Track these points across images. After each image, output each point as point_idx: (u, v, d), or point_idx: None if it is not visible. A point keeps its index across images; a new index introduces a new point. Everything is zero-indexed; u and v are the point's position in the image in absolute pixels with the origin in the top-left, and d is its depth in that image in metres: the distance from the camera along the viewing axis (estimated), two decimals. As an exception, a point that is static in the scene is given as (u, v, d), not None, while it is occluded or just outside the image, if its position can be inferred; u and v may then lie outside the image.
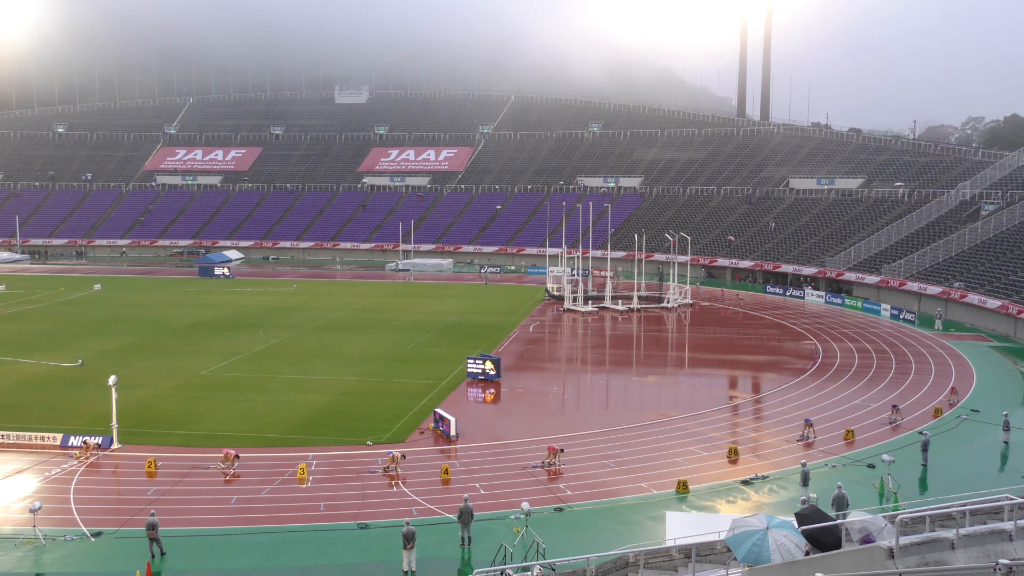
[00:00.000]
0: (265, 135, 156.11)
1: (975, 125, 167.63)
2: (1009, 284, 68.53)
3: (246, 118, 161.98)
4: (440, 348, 57.69)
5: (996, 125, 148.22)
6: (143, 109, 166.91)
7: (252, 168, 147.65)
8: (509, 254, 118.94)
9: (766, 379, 50.51)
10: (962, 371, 51.23)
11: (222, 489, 31.07)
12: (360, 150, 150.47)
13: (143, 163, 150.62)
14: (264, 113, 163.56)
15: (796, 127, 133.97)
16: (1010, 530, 17.51)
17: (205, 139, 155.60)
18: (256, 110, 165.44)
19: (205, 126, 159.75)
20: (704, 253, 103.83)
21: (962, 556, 16.87)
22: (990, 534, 17.46)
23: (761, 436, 38.02)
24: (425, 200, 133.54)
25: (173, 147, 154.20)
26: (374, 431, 37.75)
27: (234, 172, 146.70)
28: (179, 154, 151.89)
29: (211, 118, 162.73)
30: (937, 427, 38.85)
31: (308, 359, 53.55)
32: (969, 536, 17.21)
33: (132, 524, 27.79)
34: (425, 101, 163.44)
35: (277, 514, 28.85)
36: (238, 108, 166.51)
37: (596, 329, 69.23)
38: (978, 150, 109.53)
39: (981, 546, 17.17)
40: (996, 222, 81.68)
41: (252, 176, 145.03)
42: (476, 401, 45.00)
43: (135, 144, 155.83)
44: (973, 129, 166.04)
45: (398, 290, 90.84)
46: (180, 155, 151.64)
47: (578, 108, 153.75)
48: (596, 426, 38.99)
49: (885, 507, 28.32)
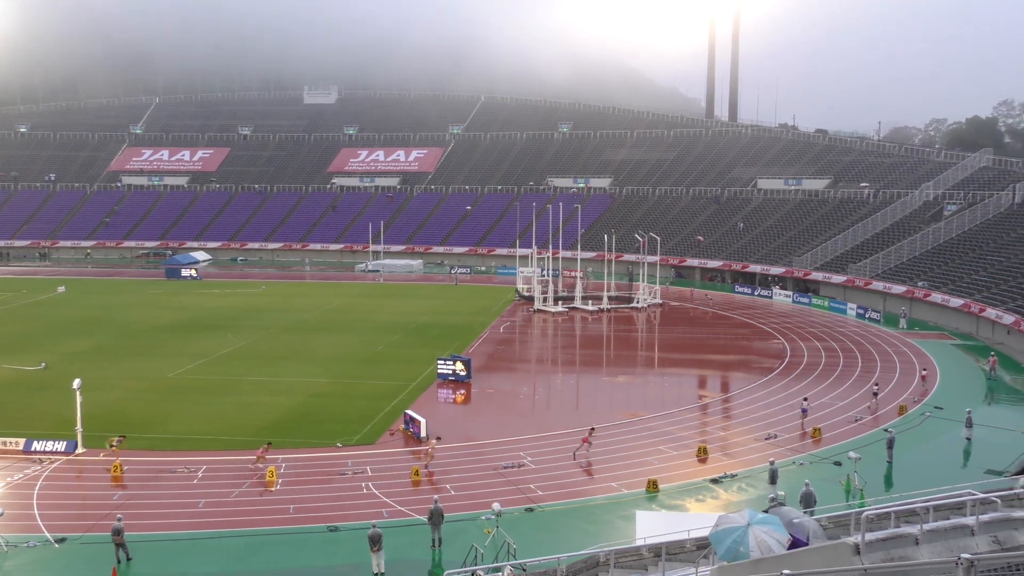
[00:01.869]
0: (233, 135, 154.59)
1: (938, 127, 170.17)
2: (971, 283, 69.66)
3: (213, 118, 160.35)
4: (410, 349, 57.52)
5: (958, 127, 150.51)
6: (108, 109, 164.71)
7: (220, 168, 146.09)
8: (479, 255, 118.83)
9: (735, 378, 50.92)
10: (926, 368, 51.94)
11: (189, 493, 30.76)
12: (329, 150, 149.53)
13: (108, 163, 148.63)
14: (232, 113, 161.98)
15: (764, 128, 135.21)
16: (972, 525, 17.82)
17: (172, 139, 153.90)
18: (224, 110, 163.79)
19: (171, 126, 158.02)
20: (673, 253, 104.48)
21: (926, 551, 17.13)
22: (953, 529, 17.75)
23: (730, 435, 38.33)
24: (395, 201, 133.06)
25: (139, 147, 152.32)
26: (344, 433, 37.58)
27: (201, 172, 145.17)
28: (145, 154, 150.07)
29: (178, 118, 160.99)
30: (902, 424, 39.41)
31: (277, 361, 53.18)
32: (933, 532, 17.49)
33: (97, 529, 27.43)
34: (395, 102, 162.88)
35: (246, 517, 28.62)
36: (205, 108, 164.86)
37: (566, 329, 69.40)
38: (941, 151, 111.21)
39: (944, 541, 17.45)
40: (958, 222, 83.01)
41: (220, 177, 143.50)
42: (447, 402, 44.93)
43: (100, 144, 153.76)
44: (936, 130, 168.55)
45: (368, 291, 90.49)
46: (146, 155, 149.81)
47: (548, 109, 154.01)
48: (567, 426, 39.09)
49: (852, 504, 28.68)
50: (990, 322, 62.45)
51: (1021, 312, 59.41)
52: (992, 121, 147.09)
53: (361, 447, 35.97)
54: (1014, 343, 59.05)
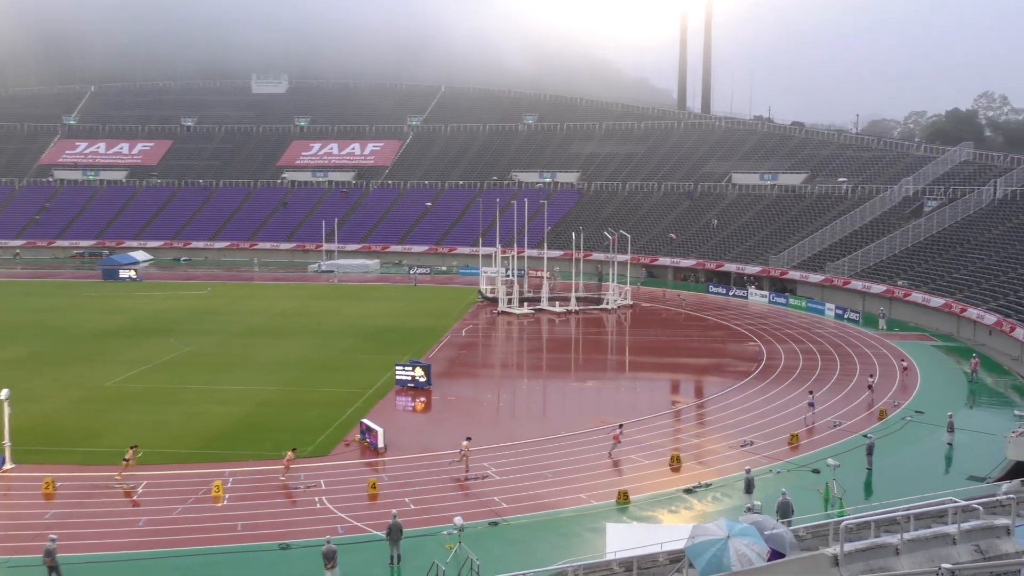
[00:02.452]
0: (175, 127, 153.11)
1: (917, 120, 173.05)
2: (952, 282, 70.93)
3: (154, 108, 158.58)
4: (367, 354, 57.31)
5: (938, 120, 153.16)
6: (38, 98, 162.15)
7: (161, 162, 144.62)
8: (440, 254, 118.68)
9: (709, 383, 51.33)
10: (907, 381, 52.75)
11: (129, 510, 30.34)
12: (279, 143, 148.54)
13: (39, 156, 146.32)
14: (174, 103, 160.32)
15: (738, 120, 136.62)
16: (954, 534, 18.12)
17: (108, 131, 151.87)
18: (165, 100, 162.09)
19: (108, 117, 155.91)
20: (645, 252, 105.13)
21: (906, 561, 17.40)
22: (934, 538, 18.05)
23: (704, 442, 38.64)
24: (350, 197, 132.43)
25: (73, 139, 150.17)
26: (296, 444, 37.25)
27: (141, 167, 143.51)
28: (79, 147, 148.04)
29: (115, 108, 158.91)
30: (882, 430, 39.99)
31: (224, 368, 52.73)
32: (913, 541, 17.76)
33: (27, 551, 26.92)
34: (349, 91, 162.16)
35: (190, 535, 28.29)
36: (145, 97, 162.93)
37: (532, 332, 69.49)
38: (920, 145, 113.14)
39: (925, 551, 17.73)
40: (939, 218, 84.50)
41: (161, 171, 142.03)
42: (405, 410, 44.79)
43: (30, 136, 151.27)
44: (915, 123, 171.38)
45: (321, 293, 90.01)
46: (81, 148, 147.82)
47: (512, 100, 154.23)
48: (533, 434, 39.13)
49: (830, 513, 29.04)
50: (971, 322, 63.63)
51: (1003, 312, 60.59)
52: (972, 114, 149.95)
53: (314, 459, 35.72)
54: (996, 344, 60.22)
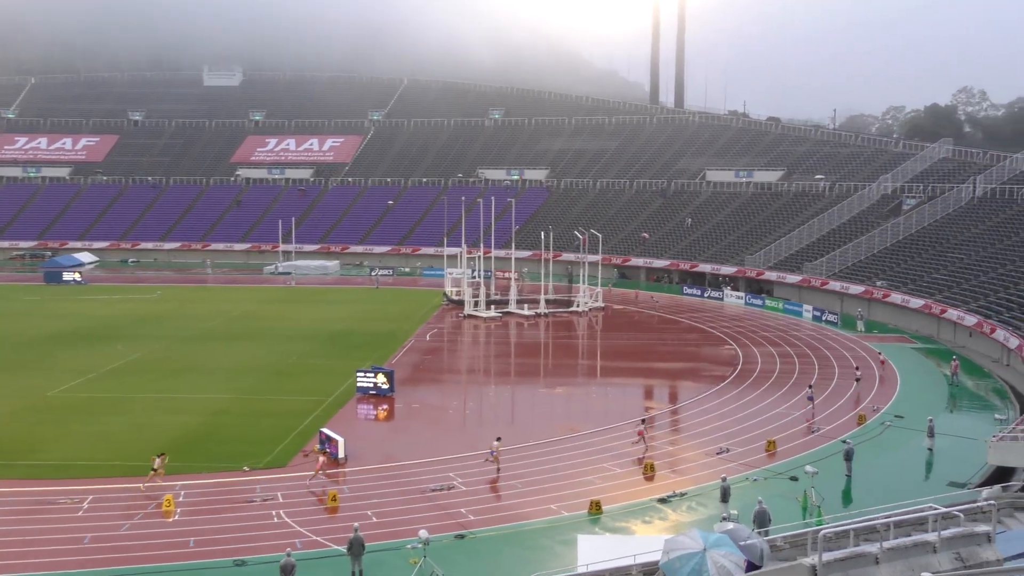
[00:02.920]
0: (122, 121, 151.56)
1: (896, 115, 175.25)
2: (931, 282, 71.97)
3: (100, 102, 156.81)
4: (326, 360, 57.08)
5: (916, 115, 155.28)
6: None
7: (107, 158, 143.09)
8: (403, 254, 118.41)
9: (684, 388, 51.69)
10: (885, 374, 53.50)
11: (73, 527, 29.97)
12: (233, 138, 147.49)
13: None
14: (121, 96, 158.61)
15: (712, 115, 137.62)
16: (934, 541, 18.42)
17: (51, 125, 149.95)
18: (112, 92, 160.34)
19: (50, 110, 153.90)
20: (616, 252, 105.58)
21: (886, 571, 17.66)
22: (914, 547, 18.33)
23: (679, 450, 38.89)
24: (308, 195, 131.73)
25: (12, 134, 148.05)
26: (251, 455, 37.05)
27: (86, 163, 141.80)
28: (19, 142, 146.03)
29: (58, 101, 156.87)
30: (861, 435, 40.47)
31: (175, 375, 52.30)
32: (893, 549, 18.03)
33: (-34, 571, 26.54)
34: (307, 84, 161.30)
35: (139, 553, 28.00)
36: (90, 90, 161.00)
37: (500, 336, 69.53)
38: (899, 141, 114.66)
39: (905, 559, 18.01)
40: (918, 217, 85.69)
41: (107, 167, 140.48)
42: (367, 419, 44.69)
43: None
44: (894, 119, 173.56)
45: (278, 296, 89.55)
46: (20, 143, 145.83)
47: (478, 93, 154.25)
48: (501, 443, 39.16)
49: (808, 522, 29.34)
50: (951, 324, 64.59)
51: (983, 313, 61.58)
52: (951, 109, 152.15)
53: (271, 471, 35.52)
54: (977, 346, 61.17)
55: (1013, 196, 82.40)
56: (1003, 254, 71.78)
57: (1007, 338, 55.52)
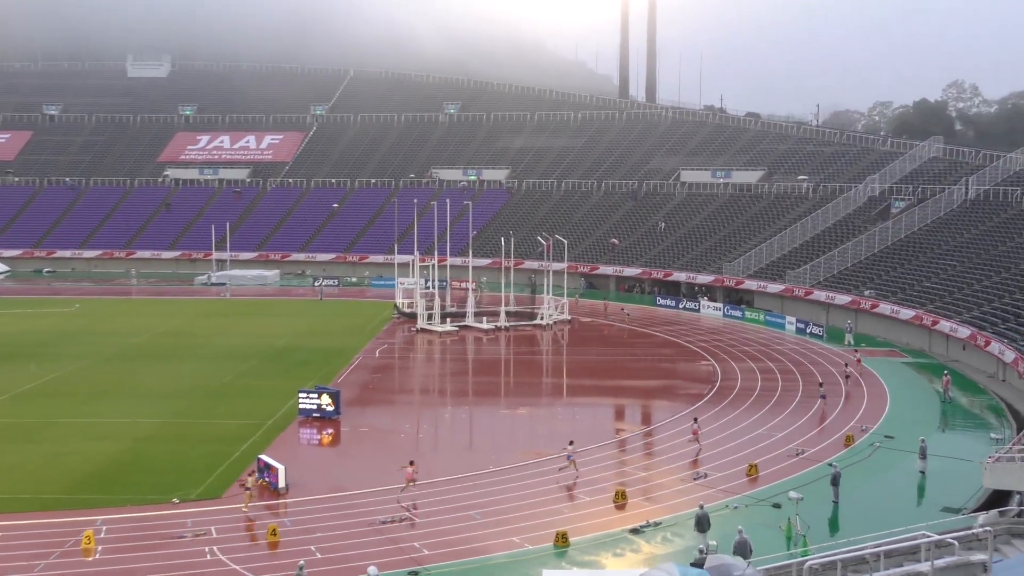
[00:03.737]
0: (36, 116, 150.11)
1: (882, 111, 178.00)
2: (922, 291, 73.02)
3: (9, 94, 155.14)
4: (265, 380, 56.83)
5: (905, 111, 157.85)
6: None
7: (19, 157, 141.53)
8: (349, 263, 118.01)
9: (657, 407, 51.98)
10: (874, 391, 54.17)
11: (-18, 568, 29.50)
12: (161, 135, 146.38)
13: None
14: (34, 88, 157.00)
15: (687, 111, 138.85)
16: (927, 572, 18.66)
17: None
18: (23, 84, 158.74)
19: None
20: (583, 259, 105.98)
21: (877, 604, 17.84)
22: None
23: (652, 475, 39.05)
24: (244, 197, 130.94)
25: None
26: (182, 486, 36.69)
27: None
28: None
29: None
30: (849, 457, 40.90)
31: (96, 398, 51.80)
32: (884, 581, 18.22)
33: None
34: (243, 76, 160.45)
35: (56, 596, 27.62)
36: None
37: (457, 352, 69.49)
38: (887, 139, 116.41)
39: (897, 592, 18.21)
40: (907, 221, 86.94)
41: (19, 167, 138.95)
42: (311, 444, 44.51)
43: None
44: (881, 115, 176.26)
45: (211, 309, 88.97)
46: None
47: (431, 86, 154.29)
48: (458, 470, 39.11)
49: (793, 552, 29.60)
50: (943, 336, 65.56)
51: (977, 324, 62.54)
52: (941, 105, 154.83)
53: (204, 503, 35.21)
54: (970, 360, 62.11)
55: (1008, 198, 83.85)
56: (998, 261, 73.00)
57: (1002, 351, 56.38)
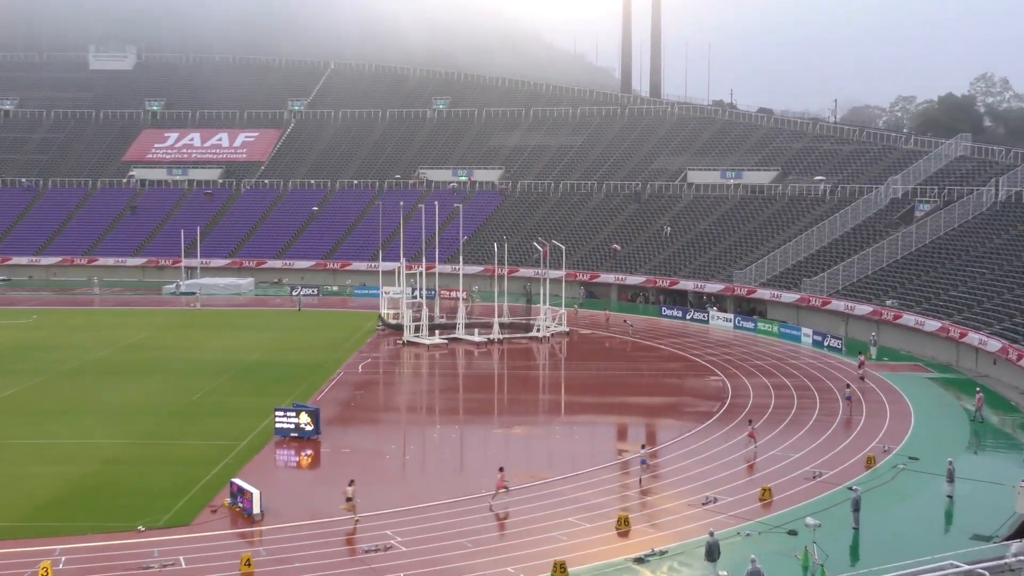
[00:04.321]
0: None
1: (905, 106, 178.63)
2: (949, 301, 73.07)
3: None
4: (239, 397, 56.77)
5: (929, 107, 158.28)
6: None
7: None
8: (330, 270, 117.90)
9: (663, 427, 51.90)
10: (898, 409, 54.16)
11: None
12: (125, 132, 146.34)
13: None
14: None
15: (694, 106, 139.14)
16: (957, 605, 18.59)
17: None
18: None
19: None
20: (583, 266, 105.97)
21: (902, 640, 17.77)
22: (934, 611, 18.47)
23: (658, 500, 38.98)
24: (216, 199, 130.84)
25: None
26: (148, 512, 36.55)
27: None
28: None
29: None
30: (870, 480, 40.86)
31: (55, 417, 51.63)
32: (909, 615, 18.16)
33: None
34: (214, 69, 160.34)
35: (11, 633, 27.49)
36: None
37: (446, 367, 69.43)
38: (910, 137, 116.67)
39: (924, 626, 18.14)
40: (932, 225, 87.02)
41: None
42: (288, 466, 44.43)
43: None
44: (903, 111, 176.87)
45: (180, 320, 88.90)
46: None
47: (418, 80, 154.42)
48: (447, 494, 39.02)
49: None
50: (972, 349, 65.60)
51: (1008, 336, 62.52)
52: (969, 100, 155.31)
53: (172, 530, 35.08)
54: (1001, 375, 62.10)
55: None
56: (1030, 268, 73.10)
57: (1036, 366, 56.41)
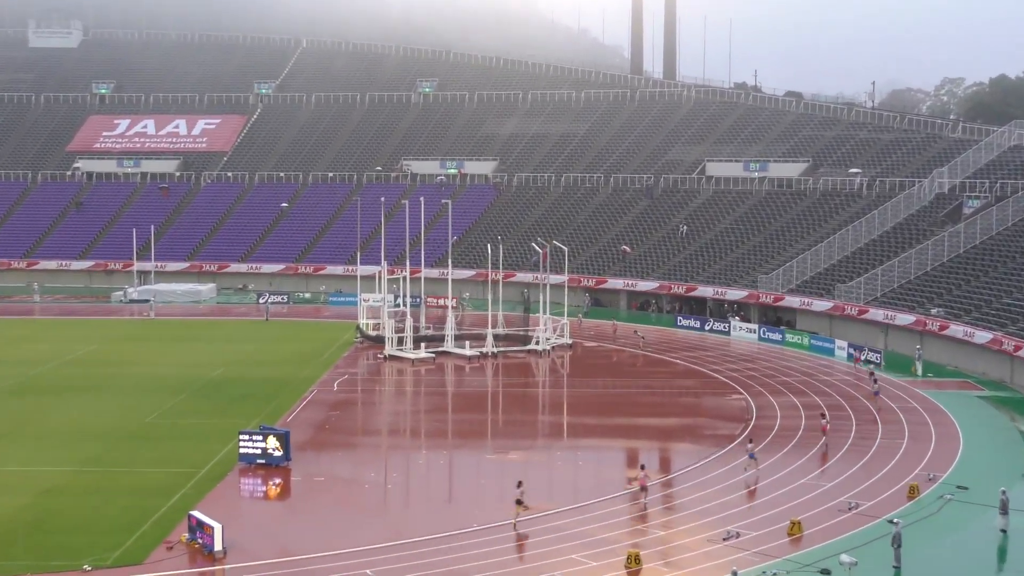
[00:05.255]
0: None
1: (952, 90, 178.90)
2: (1002, 309, 73.05)
3: None
4: (199, 418, 56.66)
5: (979, 90, 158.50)
6: None
7: None
8: (302, 274, 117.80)
9: (678, 452, 51.82)
10: (944, 431, 54.09)
11: None
12: (70, 119, 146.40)
13: None
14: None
15: (714, 89, 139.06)
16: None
17: None
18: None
19: None
20: (588, 270, 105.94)
21: None
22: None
23: (673, 535, 38.92)
24: (172, 195, 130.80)
25: None
26: (95, 550, 36.50)
27: None
28: None
29: None
30: (913, 512, 40.77)
31: (-11, 441, 51.46)
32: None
33: None
34: (170, 47, 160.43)
35: None
36: None
37: (434, 385, 69.40)
38: (958, 124, 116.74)
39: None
40: (983, 223, 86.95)
41: None
42: (254, 497, 44.38)
43: None
44: (950, 95, 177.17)
45: (132, 331, 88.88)
46: None
47: (401, 60, 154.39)
48: (435, 529, 38.99)
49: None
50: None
51: (1070, 349, 62.57)
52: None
53: (123, 569, 35.02)
54: (1061, 393, 62.15)
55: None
56: (1093, 272, 73.15)
57: (1100, 383, 56.39)
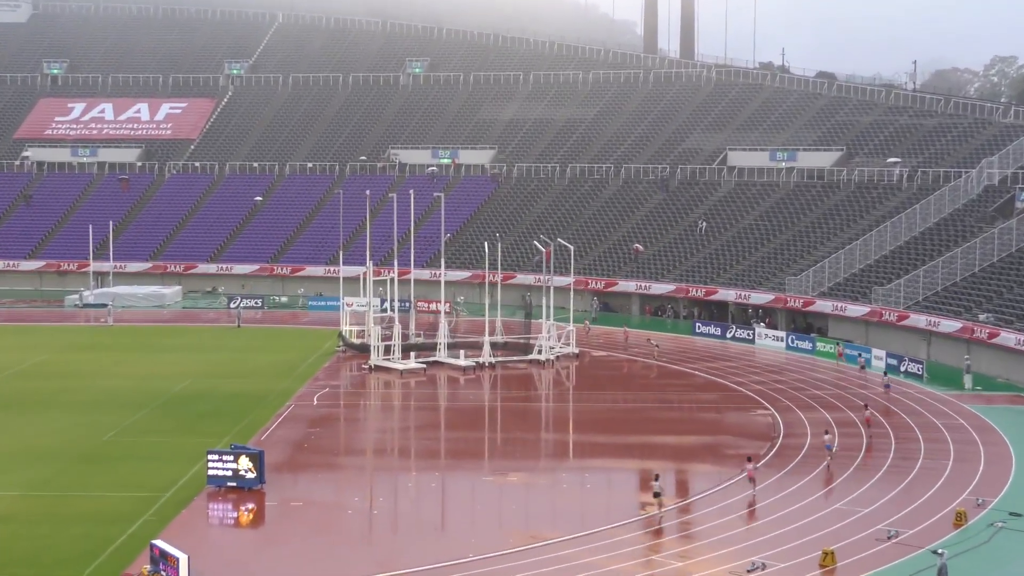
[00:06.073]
0: None
1: (1004, 70, 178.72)
2: (1059, 315, 73.00)
3: None
4: (162, 437, 56.63)
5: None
6: None
7: None
8: (278, 276, 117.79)
9: (697, 474, 51.76)
10: (994, 451, 53.99)
11: None
12: (18, 102, 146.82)
13: None
14: None
15: (736, 70, 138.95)
16: None
17: None
18: None
19: None
20: (596, 271, 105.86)
21: None
22: None
23: (692, 566, 38.87)
24: (134, 187, 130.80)
25: None
26: (48, 583, 36.50)
27: None
28: None
29: None
30: (960, 541, 40.73)
31: (-72, 462, 51.36)
32: None
33: None
34: (130, 22, 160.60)
35: None
36: None
37: (424, 398, 69.38)
38: (1009, 108, 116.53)
39: None
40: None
41: None
42: (224, 524, 44.35)
43: None
44: (1001, 76, 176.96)
45: (88, 339, 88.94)
46: None
47: (389, 37, 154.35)
48: (425, 559, 38.95)
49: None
50: (1088, 376, 65.53)
51: None
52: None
53: (77, 606, 35.03)
54: (1124, 408, 62.01)
55: None
56: None
57: None
